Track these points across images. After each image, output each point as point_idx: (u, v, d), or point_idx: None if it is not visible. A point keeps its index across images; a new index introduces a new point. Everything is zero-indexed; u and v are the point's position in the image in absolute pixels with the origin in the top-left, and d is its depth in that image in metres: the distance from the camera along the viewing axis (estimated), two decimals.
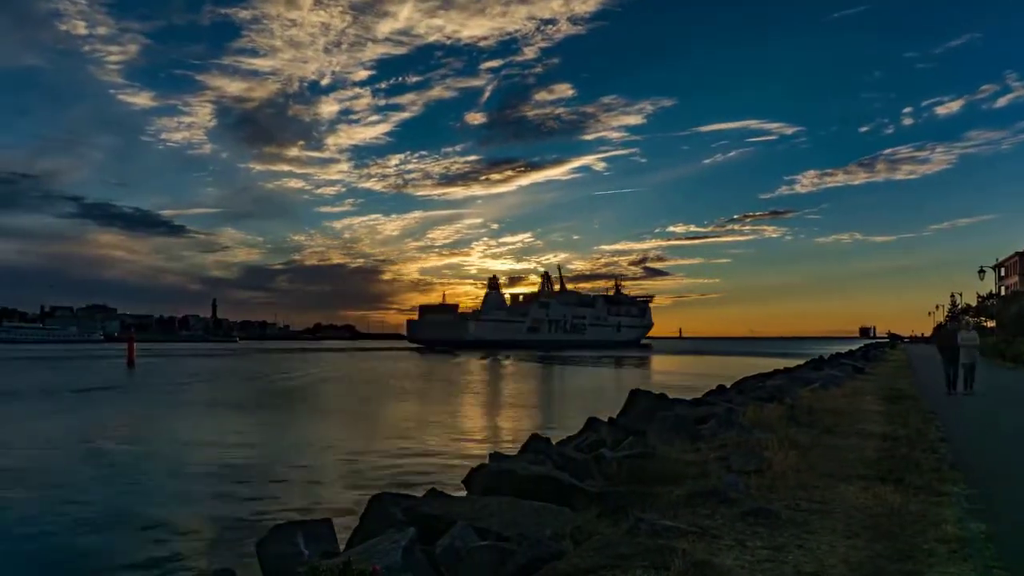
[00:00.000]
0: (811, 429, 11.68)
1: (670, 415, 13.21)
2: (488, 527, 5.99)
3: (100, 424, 25.40)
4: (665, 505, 6.57)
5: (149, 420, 27.06)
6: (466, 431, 23.69)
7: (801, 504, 6.69)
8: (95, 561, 9.83)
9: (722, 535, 5.57)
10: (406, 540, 5.30)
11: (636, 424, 13.58)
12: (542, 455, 9.88)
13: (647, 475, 7.84)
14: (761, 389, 20.77)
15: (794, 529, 5.81)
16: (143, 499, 13.45)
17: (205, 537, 11.08)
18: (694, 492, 6.88)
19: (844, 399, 17.23)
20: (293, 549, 5.94)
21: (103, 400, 34.74)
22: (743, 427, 11.25)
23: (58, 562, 9.89)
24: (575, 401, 32.31)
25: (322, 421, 26.61)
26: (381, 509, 6.92)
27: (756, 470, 8.06)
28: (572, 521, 6.20)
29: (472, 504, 6.97)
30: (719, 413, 13.36)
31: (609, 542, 5.23)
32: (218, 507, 12.88)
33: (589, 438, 13.09)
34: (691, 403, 17.50)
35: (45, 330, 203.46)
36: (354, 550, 5.61)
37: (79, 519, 11.92)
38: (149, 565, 9.56)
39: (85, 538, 10.90)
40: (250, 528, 10.73)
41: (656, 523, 5.56)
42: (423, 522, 6.30)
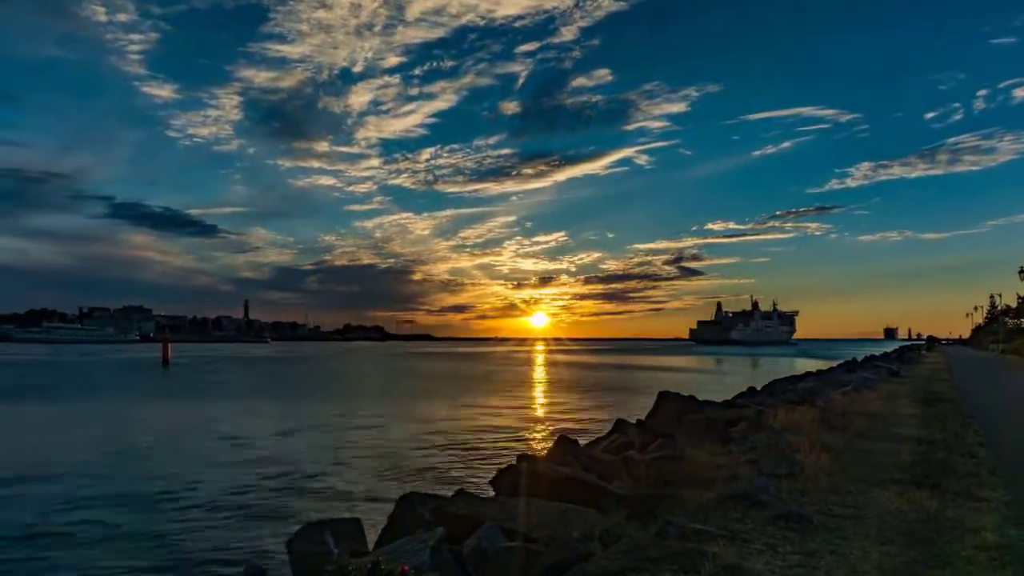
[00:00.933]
0: (844, 432, 11.48)
1: (699, 417, 13.10)
2: (515, 528, 5.99)
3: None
4: (694, 508, 6.50)
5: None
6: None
7: (834, 509, 6.58)
8: (133, 556, 10.04)
9: (753, 539, 5.49)
10: (434, 540, 5.33)
11: (664, 426, 13.49)
12: (569, 457, 9.86)
13: (676, 478, 7.78)
14: (792, 392, 20.46)
15: (826, 534, 5.71)
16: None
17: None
18: (724, 495, 6.80)
19: (878, 402, 16.89)
20: (322, 547, 6.01)
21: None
22: (774, 430, 11.09)
23: (90, 548, 10.12)
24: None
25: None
26: (409, 509, 6.98)
27: (788, 473, 7.94)
28: (600, 523, 6.17)
29: (500, 505, 6.97)
30: (749, 416, 13.21)
31: (637, 545, 5.19)
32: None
33: (617, 440, 13.03)
34: (720, 405, 17.31)
35: (83, 330, 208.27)
36: (383, 549, 5.65)
37: (130, 506, 12.22)
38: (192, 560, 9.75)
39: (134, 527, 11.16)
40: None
41: (685, 526, 5.51)
42: (451, 522, 6.32)
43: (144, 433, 23.13)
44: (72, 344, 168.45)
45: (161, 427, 24.87)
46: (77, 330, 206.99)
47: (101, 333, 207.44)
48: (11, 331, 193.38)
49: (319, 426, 25.13)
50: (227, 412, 29.50)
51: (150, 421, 26.67)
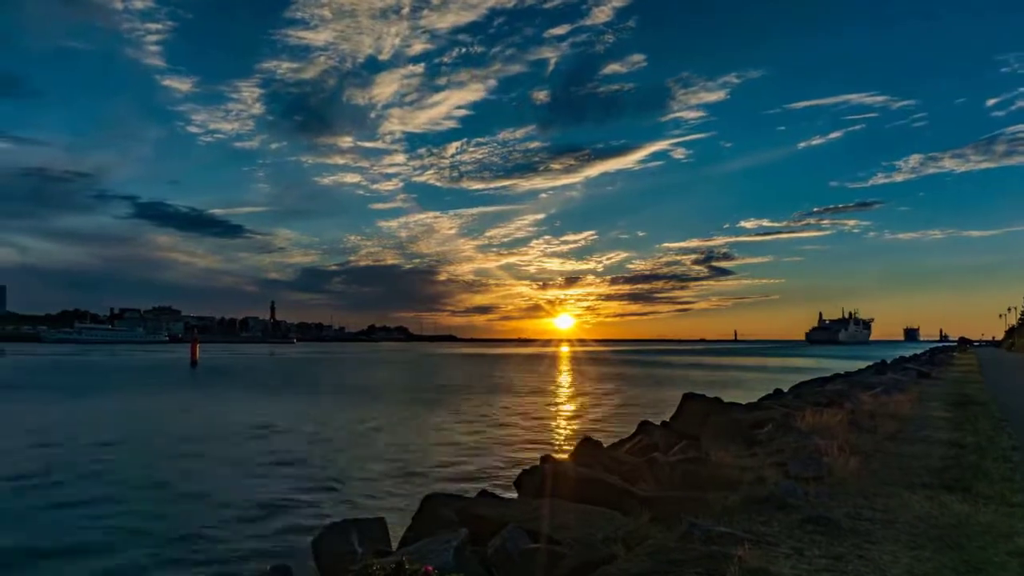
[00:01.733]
0: (873, 435, 11.31)
1: (724, 419, 12.98)
2: (539, 529, 5.98)
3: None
4: (719, 511, 6.45)
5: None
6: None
7: (862, 512, 6.48)
8: (161, 553, 10.20)
9: (779, 543, 5.43)
10: (458, 541, 5.34)
11: (689, 428, 13.40)
12: (593, 458, 9.83)
13: (701, 480, 7.72)
14: (820, 393, 20.19)
15: (855, 538, 5.63)
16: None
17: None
18: (750, 498, 6.73)
19: (908, 404, 16.59)
20: (347, 547, 6.05)
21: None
22: (801, 432, 10.96)
23: (125, 549, 10.29)
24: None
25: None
26: (433, 509, 7.00)
27: (815, 477, 7.85)
28: (624, 525, 6.14)
29: (523, 506, 6.97)
30: (776, 418, 13.06)
31: (661, 547, 5.16)
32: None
33: (641, 441, 12.96)
34: (746, 407, 17.13)
35: (114, 331, 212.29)
36: (406, 549, 5.68)
37: (156, 503, 12.43)
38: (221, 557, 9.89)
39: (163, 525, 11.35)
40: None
41: (710, 529, 5.46)
42: (474, 523, 6.34)
43: (171, 432, 23.49)
44: (103, 344, 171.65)
45: (188, 426, 25.23)
46: (108, 331, 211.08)
47: (131, 334, 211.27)
48: (44, 332, 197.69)
49: (344, 425, 25.33)
50: (252, 411, 29.85)
51: (177, 420, 27.08)
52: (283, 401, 35.30)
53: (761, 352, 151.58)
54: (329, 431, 23.96)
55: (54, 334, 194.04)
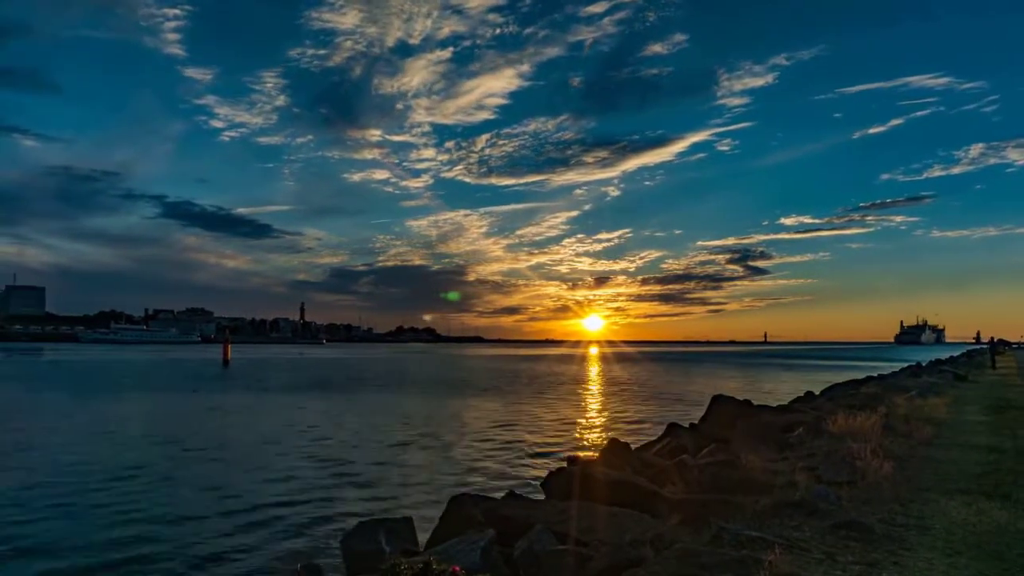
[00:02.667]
0: (908, 439, 11.09)
1: (754, 422, 12.83)
2: (566, 531, 5.97)
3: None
4: (750, 515, 6.37)
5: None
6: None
7: (897, 519, 6.35)
8: (188, 550, 10.36)
9: (811, 548, 5.35)
10: (485, 541, 5.35)
11: (718, 431, 13.26)
12: (621, 460, 9.78)
13: (730, 483, 7.63)
14: (853, 396, 19.85)
15: (889, 544, 5.52)
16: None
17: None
18: (781, 502, 6.64)
19: (944, 408, 16.24)
20: (375, 546, 6.09)
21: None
22: (833, 436, 10.79)
23: (150, 543, 10.48)
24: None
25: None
26: (460, 509, 7.02)
27: (848, 481, 7.72)
28: (652, 528, 6.09)
29: (550, 507, 6.95)
30: (807, 421, 12.88)
31: (691, 551, 5.11)
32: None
33: (669, 444, 12.87)
34: (776, 410, 16.91)
35: (149, 332, 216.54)
36: (434, 549, 5.70)
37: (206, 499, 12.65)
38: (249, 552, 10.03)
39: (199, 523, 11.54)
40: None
41: (740, 533, 5.40)
42: (501, 524, 6.34)
43: (203, 429, 23.87)
44: (138, 344, 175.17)
45: (219, 424, 25.62)
46: (143, 331, 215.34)
47: (165, 334, 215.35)
48: (81, 332, 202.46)
49: (372, 425, 25.51)
50: (283, 410, 30.23)
51: (211, 419, 27.51)
52: (314, 400, 35.68)
53: (848, 354, 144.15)
54: (357, 430, 24.15)
55: (91, 334, 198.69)
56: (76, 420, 26.54)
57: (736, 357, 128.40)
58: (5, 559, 9.95)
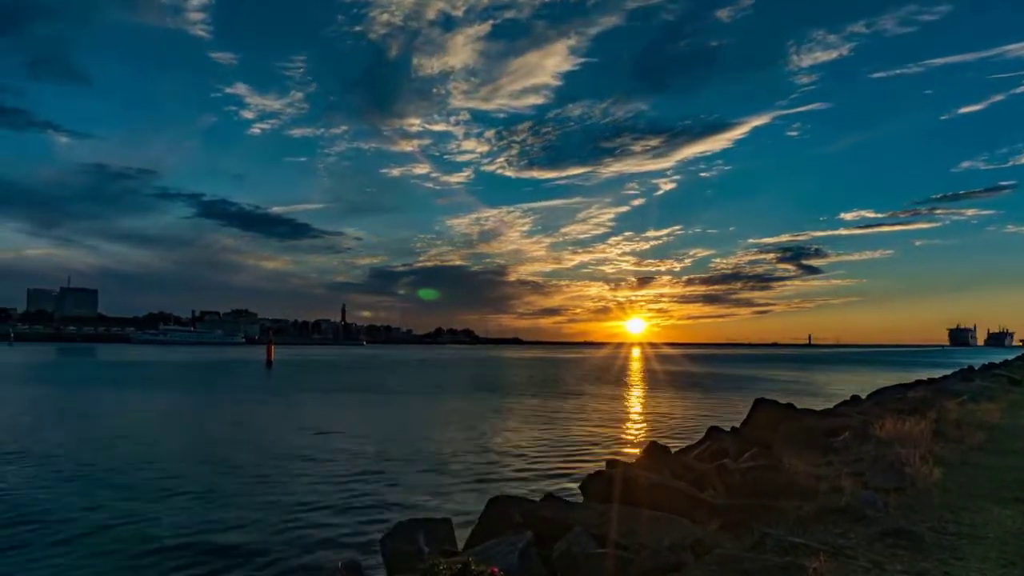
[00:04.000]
0: (959, 445, 10.75)
1: (798, 426, 12.58)
2: (605, 534, 5.93)
3: None
4: (793, 521, 6.24)
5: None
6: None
7: (948, 527, 6.16)
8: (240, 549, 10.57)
9: (857, 556, 5.21)
10: (523, 543, 5.35)
11: (760, 435, 13.03)
12: (661, 464, 9.68)
13: (773, 488, 7.49)
14: (901, 400, 19.32)
15: (940, 553, 5.35)
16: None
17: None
18: (825, 508, 6.49)
19: (997, 413, 15.69)
20: (414, 546, 6.14)
21: None
22: (881, 441, 10.52)
23: (195, 543, 10.72)
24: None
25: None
26: (499, 511, 7.02)
27: (896, 488, 7.51)
28: (692, 533, 6.02)
29: (589, 510, 6.92)
30: (853, 425, 12.58)
31: (732, 557, 5.03)
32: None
33: (710, 448, 12.69)
34: (820, 414, 16.56)
35: (195, 333, 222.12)
36: (472, 550, 5.72)
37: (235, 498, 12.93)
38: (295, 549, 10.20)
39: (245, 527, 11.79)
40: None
41: (784, 539, 5.29)
42: (540, 526, 6.33)
43: (246, 428, 24.37)
44: (185, 345, 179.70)
45: (262, 423, 26.11)
46: (190, 332, 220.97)
47: (211, 335, 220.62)
48: (132, 333, 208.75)
49: (412, 426, 25.72)
50: (323, 411, 30.68)
51: (253, 417, 28.07)
52: (355, 401, 36.15)
53: (897, 358, 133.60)
54: (397, 431, 24.36)
55: (141, 335, 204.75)
56: (144, 417, 27.38)
57: (778, 360, 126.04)
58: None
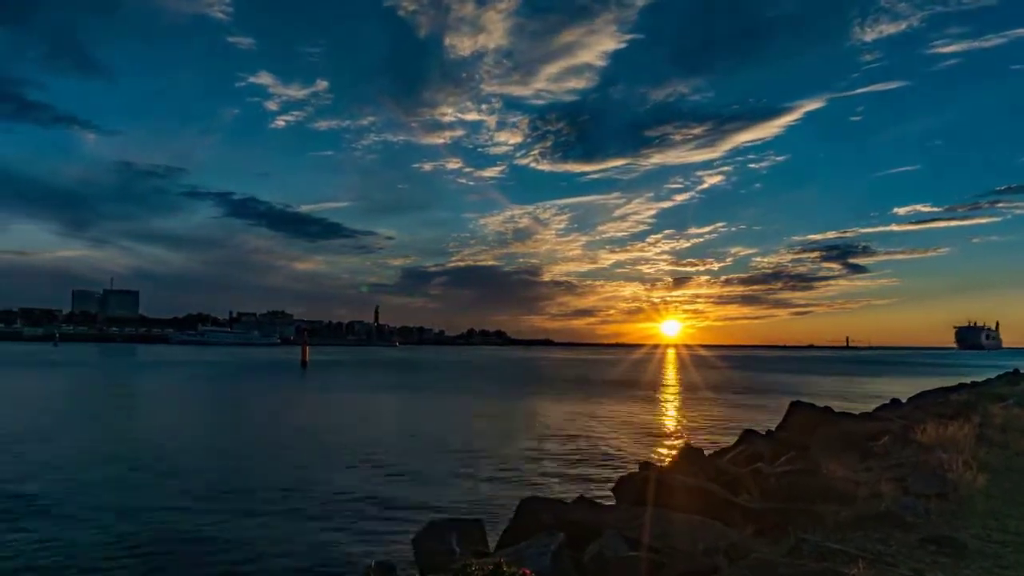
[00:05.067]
0: (1004, 450, 10.44)
1: (836, 430, 12.34)
2: (638, 537, 5.88)
3: None
4: (831, 526, 6.13)
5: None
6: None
7: (992, 535, 5.98)
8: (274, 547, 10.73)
9: (897, 563, 5.09)
10: (555, 545, 5.34)
11: (797, 438, 12.80)
12: (694, 466, 9.57)
13: (809, 493, 7.36)
14: (943, 404, 18.82)
15: (983, 561, 5.20)
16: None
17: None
18: (864, 514, 6.36)
19: None
20: (446, 546, 6.16)
21: None
22: (922, 446, 10.27)
23: (222, 541, 10.90)
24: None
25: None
26: (531, 513, 7.02)
27: (938, 494, 7.32)
28: (726, 537, 5.94)
29: (621, 513, 6.87)
30: (894, 430, 12.31)
31: (768, 562, 4.95)
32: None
33: (745, 451, 12.51)
34: (859, 418, 16.22)
35: (232, 333, 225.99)
36: (504, 551, 5.72)
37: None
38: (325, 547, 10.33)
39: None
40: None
41: (821, 545, 5.20)
42: (571, 528, 6.30)
43: (284, 426, 24.72)
44: (222, 346, 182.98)
45: (299, 421, 26.46)
46: (227, 333, 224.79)
47: (248, 336, 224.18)
48: (171, 334, 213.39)
49: (444, 425, 25.82)
50: (357, 410, 30.98)
51: (291, 416, 28.47)
52: (389, 400, 36.45)
53: (939, 360, 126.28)
54: (429, 431, 24.49)
55: (180, 336, 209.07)
56: (197, 414, 27.99)
57: (815, 362, 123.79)
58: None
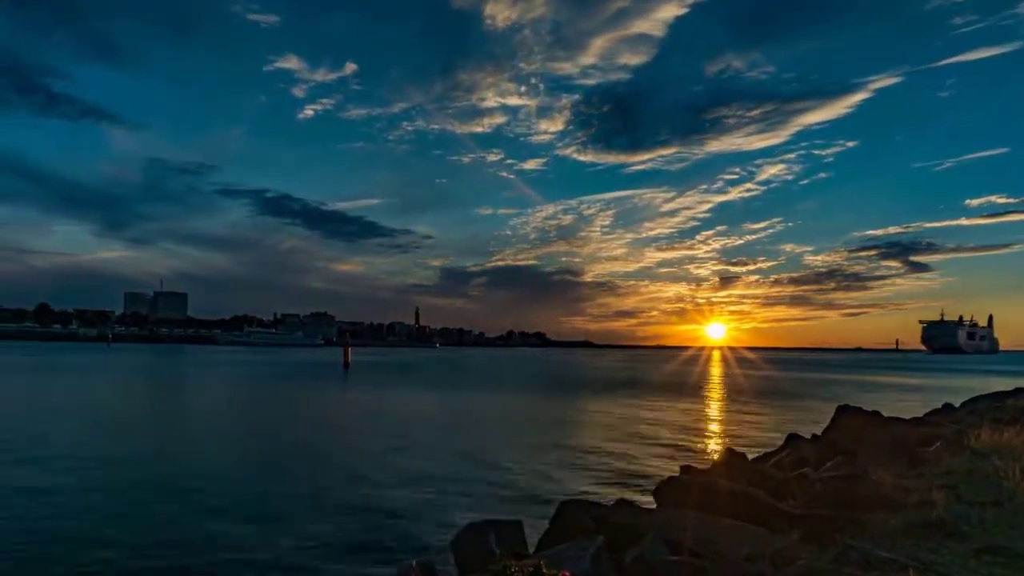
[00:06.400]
0: None
1: (885, 434, 11.99)
2: (680, 541, 5.80)
3: None
4: (879, 534, 5.95)
5: None
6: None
7: None
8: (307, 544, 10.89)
9: (950, 573, 4.92)
10: (595, 547, 5.30)
11: (843, 443, 12.48)
12: (737, 471, 9.42)
13: (857, 499, 7.16)
14: (999, 409, 18.15)
15: None
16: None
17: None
18: (914, 522, 6.16)
19: None
20: (485, 547, 6.17)
21: None
22: (976, 452, 9.91)
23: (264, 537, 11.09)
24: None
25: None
26: (571, 515, 6.98)
27: (993, 502, 7.05)
28: (771, 543, 5.82)
29: (662, 516, 6.79)
30: (946, 435, 11.92)
31: (813, 569, 4.83)
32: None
33: (789, 456, 12.26)
34: (909, 422, 15.75)
35: (277, 334, 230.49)
36: (543, 553, 5.70)
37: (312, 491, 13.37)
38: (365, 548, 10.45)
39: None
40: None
41: (870, 553, 5.06)
42: (611, 531, 6.25)
43: (326, 426, 25.10)
44: (267, 347, 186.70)
45: (342, 421, 26.84)
46: (272, 334, 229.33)
47: (292, 337, 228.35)
48: (218, 335, 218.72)
49: (484, 427, 25.91)
50: (399, 410, 31.26)
51: (334, 415, 28.90)
52: (430, 400, 36.72)
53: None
54: (469, 432, 24.61)
55: (226, 336, 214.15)
56: (245, 412, 28.70)
57: (863, 366, 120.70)
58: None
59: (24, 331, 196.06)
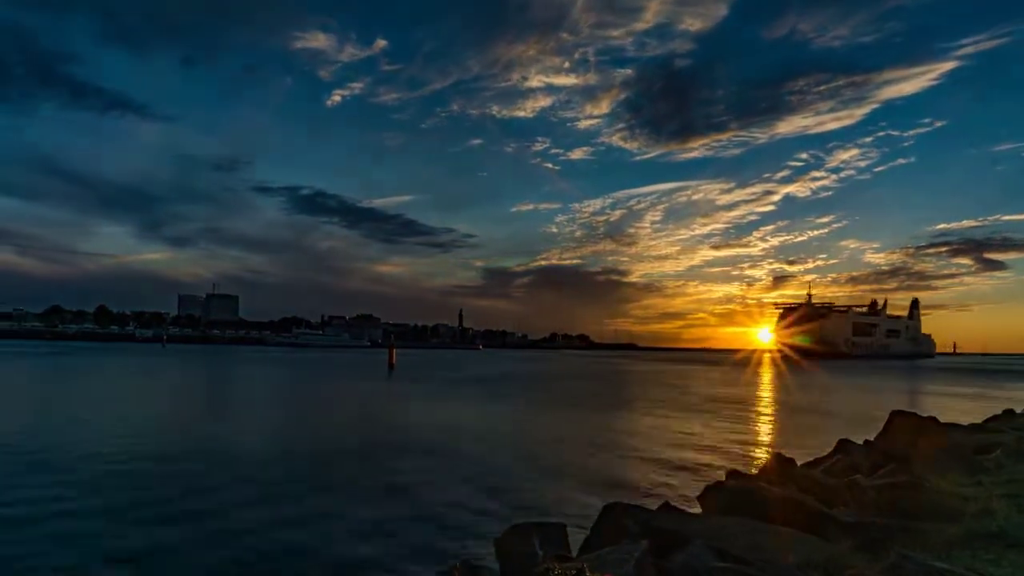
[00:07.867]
0: None
1: (942, 441, 11.61)
2: (727, 548, 5.71)
3: None
4: (936, 544, 5.76)
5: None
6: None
7: None
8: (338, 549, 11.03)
9: None
10: (639, 552, 5.24)
11: (897, 449, 12.12)
12: (785, 476, 9.22)
13: (912, 508, 6.95)
14: None
15: None
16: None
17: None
18: (973, 532, 5.95)
19: None
20: (528, 549, 6.16)
21: None
22: None
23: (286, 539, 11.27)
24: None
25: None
26: (614, 519, 6.92)
27: None
28: (822, 551, 5.68)
29: (708, 522, 6.69)
30: (1007, 442, 11.48)
31: None
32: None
33: (840, 462, 11.95)
34: (967, 428, 15.21)
35: (324, 336, 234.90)
36: (587, 556, 5.66)
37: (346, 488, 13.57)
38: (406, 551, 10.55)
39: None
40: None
41: (926, 564, 4.89)
42: (657, 536, 6.18)
43: (375, 425, 25.42)
44: (315, 348, 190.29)
45: (389, 420, 27.16)
46: (319, 336, 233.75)
47: (338, 339, 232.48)
48: (268, 336, 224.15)
49: (529, 429, 25.91)
50: (444, 411, 31.50)
51: (381, 415, 29.27)
52: (475, 402, 36.91)
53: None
54: (514, 433, 24.64)
55: (276, 338, 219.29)
56: (296, 409, 29.36)
57: (920, 370, 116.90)
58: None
59: (84, 332, 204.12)
